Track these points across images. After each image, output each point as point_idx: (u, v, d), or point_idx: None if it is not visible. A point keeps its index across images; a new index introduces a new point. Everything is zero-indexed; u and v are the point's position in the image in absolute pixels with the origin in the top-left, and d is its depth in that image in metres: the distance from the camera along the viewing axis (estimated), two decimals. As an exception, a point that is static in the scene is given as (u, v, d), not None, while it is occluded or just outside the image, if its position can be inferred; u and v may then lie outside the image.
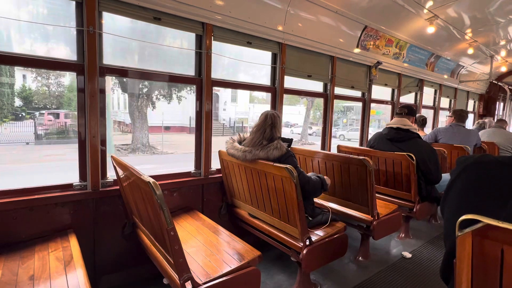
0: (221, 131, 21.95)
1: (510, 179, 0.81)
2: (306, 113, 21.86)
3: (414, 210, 3.01)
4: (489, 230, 0.69)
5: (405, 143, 3.01)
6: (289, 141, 2.28)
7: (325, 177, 2.42)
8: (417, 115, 4.50)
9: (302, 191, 2.01)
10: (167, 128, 19.16)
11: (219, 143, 2.72)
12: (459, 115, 4.20)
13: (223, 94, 25.13)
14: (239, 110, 26.48)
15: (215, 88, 2.70)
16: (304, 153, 3.02)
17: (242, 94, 26.52)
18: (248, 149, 2.18)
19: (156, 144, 15.08)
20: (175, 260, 1.46)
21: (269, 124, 2.19)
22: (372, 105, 4.44)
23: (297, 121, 27.04)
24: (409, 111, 3.21)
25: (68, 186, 2.10)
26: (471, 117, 7.68)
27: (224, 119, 24.09)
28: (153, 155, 13.94)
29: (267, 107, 2.94)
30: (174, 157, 13.44)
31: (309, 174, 2.37)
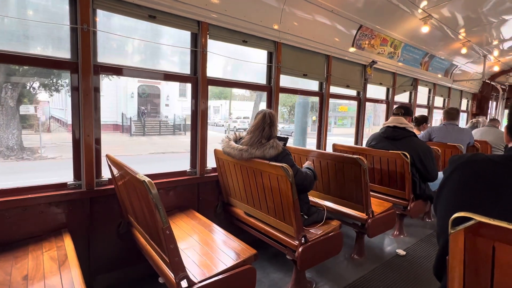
0: (157, 130, 19.78)
1: (501, 177, 0.83)
2: (254, 109, 18.83)
3: (408, 208, 3.04)
4: (481, 228, 0.70)
5: (401, 142, 3.05)
6: (285, 139, 2.29)
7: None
8: (419, 115, 4.55)
9: (301, 186, 2.03)
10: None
11: (146, 144, 2.59)
12: (447, 113, 4.25)
13: (165, 87, 22.22)
14: (189, 106, 24.42)
15: (154, 80, 2.68)
16: (298, 152, 3.03)
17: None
18: (245, 147, 2.18)
19: (51, 146, 12.50)
20: (171, 259, 1.45)
21: (268, 123, 2.19)
22: (344, 101, 4.47)
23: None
24: (406, 111, 3.27)
25: (62, 185, 2.08)
26: (464, 116, 7.77)
27: (166, 116, 21.74)
28: (21, 161, 10.63)
29: (245, 104, 2.88)
30: (53, 164, 10.42)
31: (304, 165, 2.40)
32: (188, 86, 2.63)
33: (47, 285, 1.45)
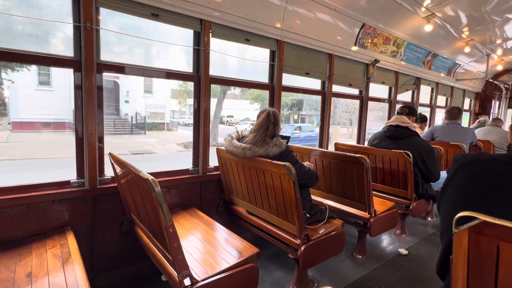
0: (111, 129, 17.06)
1: (505, 176, 0.83)
2: (216, 107, 16.51)
3: (411, 207, 3.04)
4: (485, 227, 0.70)
5: (403, 141, 3.03)
6: (287, 138, 2.29)
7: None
8: (418, 113, 4.53)
9: (301, 180, 2.07)
10: (47, 125, 15.14)
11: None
12: (449, 112, 4.24)
13: (124, 82, 19.30)
14: (155, 103, 20.77)
15: (112, 74, 2.66)
16: (301, 151, 3.02)
17: (162, 83, 20.56)
18: (248, 146, 2.18)
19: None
20: (174, 257, 1.46)
21: (272, 122, 2.19)
22: (337, 99, 4.45)
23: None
24: (410, 110, 3.25)
25: (66, 183, 2.09)
26: (467, 115, 7.73)
27: (126, 114, 19.35)
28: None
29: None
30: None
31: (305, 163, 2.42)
32: (155, 81, 2.58)
33: (51, 282, 1.46)
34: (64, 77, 15.65)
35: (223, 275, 1.64)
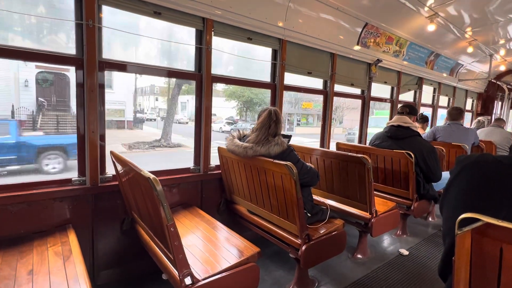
0: (53, 127, 14.88)
1: (509, 179, 0.82)
2: (169, 103, 15.02)
3: (412, 208, 3.03)
4: (489, 229, 0.69)
5: (405, 141, 3.02)
6: (288, 137, 2.29)
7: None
8: (419, 113, 4.52)
9: (303, 179, 2.07)
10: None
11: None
12: (450, 113, 4.23)
13: (73, 75, 16.01)
14: (114, 99, 18.52)
15: (60, 66, 2.63)
16: (302, 151, 3.02)
17: (124, 78, 18.38)
18: (249, 145, 2.18)
19: None
20: (175, 256, 1.46)
21: (274, 120, 2.19)
22: (315, 96, 4.42)
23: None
24: (411, 110, 3.23)
25: (67, 181, 2.10)
26: (468, 116, 7.70)
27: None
28: None
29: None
30: None
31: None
32: (116, 75, 2.50)
33: (52, 280, 1.47)
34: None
35: (224, 274, 1.64)
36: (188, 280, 1.51)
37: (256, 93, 21.33)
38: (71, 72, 17.35)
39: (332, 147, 3.68)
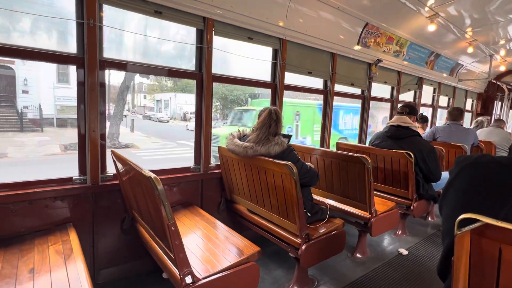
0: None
1: (508, 179, 0.83)
2: (118, 99, 13.47)
3: (411, 207, 3.04)
4: (488, 229, 0.70)
5: (405, 141, 3.03)
6: (289, 136, 2.29)
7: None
8: (419, 113, 4.53)
9: (303, 179, 2.07)
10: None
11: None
12: (450, 113, 4.24)
13: (21, 68, 15.45)
14: (70, 95, 16.42)
15: (6, 59, 2.56)
16: (302, 150, 3.02)
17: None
18: (250, 145, 2.18)
19: None
20: (176, 255, 1.47)
21: (274, 120, 2.19)
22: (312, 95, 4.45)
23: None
24: (411, 110, 3.24)
25: (68, 180, 2.10)
26: (468, 116, 7.71)
27: (26, 107, 15.42)
28: None
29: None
30: None
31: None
32: (73, 69, 2.36)
33: (53, 278, 1.47)
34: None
35: (224, 273, 1.65)
36: (188, 279, 1.51)
37: (231, 90, 19.57)
38: (17, 64, 15.42)
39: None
